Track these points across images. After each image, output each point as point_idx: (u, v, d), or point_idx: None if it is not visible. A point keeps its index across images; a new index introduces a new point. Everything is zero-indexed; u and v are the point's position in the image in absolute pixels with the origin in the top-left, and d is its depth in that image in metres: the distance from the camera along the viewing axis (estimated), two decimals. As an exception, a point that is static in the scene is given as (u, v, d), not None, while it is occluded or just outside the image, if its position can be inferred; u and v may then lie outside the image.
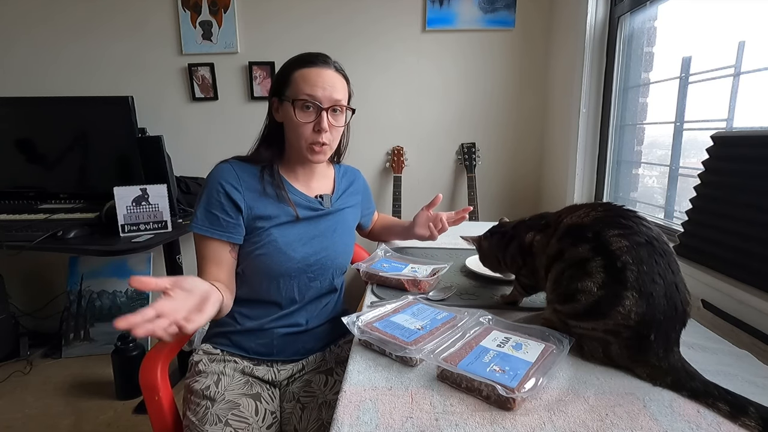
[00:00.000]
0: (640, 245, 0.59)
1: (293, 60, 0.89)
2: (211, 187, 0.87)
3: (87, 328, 2.14)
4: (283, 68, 0.90)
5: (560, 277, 0.66)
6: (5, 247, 1.41)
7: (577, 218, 0.67)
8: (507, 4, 1.96)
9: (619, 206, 0.66)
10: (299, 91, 0.85)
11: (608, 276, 0.60)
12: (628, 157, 1.61)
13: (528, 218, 0.81)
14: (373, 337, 0.67)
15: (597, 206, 0.68)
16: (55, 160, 1.95)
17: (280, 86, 0.89)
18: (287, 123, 0.89)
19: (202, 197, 0.88)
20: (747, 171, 0.86)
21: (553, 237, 0.70)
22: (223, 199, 0.86)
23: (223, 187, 0.87)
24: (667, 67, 1.38)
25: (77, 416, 1.67)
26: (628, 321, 0.58)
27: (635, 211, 0.65)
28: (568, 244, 0.66)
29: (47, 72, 2.11)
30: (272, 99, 0.91)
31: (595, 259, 0.61)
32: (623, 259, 0.59)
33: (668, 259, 0.60)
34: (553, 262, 0.68)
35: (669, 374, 0.58)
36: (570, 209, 0.71)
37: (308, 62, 0.87)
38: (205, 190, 0.88)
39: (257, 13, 2.02)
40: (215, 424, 0.78)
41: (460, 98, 2.09)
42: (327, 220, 0.96)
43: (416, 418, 0.51)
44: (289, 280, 0.91)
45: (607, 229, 0.62)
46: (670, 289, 0.58)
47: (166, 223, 1.54)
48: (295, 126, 0.87)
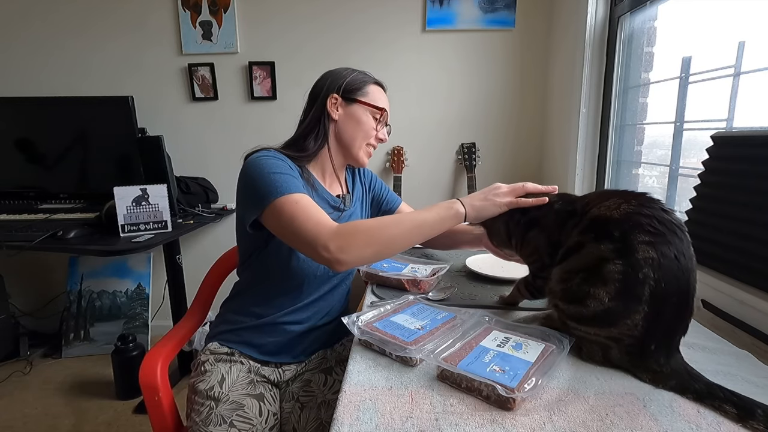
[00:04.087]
0: (667, 259, 0.55)
1: (365, 75, 0.96)
2: (265, 161, 0.82)
3: (87, 328, 2.14)
4: (357, 77, 0.94)
5: (572, 273, 0.63)
6: (5, 247, 1.41)
7: (606, 209, 0.62)
8: (507, 4, 1.96)
9: (655, 201, 0.60)
10: (377, 101, 0.95)
11: (624, 287, 0.57)
12: (628, 157, 1.61)
13: (557, 199, 0.73)
14: (373, 337, 0.67)
15: (630, 197, 0.61)
16: (55, 160, 1.95)
17: (349, 89, 0.93)
18: (352, 122, 0.93)
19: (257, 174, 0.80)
20: (747, 171, 0.86)
21: (576, 228, 0.65)
22: (289, 163, 0.85)
23: (281, 159, 0.85)
24: (667, 67, 1.37)
25: (77, 416, 1.67)
26: (633, 331, 0.58)
27: (671, 211, 0.59)
28: (590, 238, 0.61)
29: (47, 72, 2.11)
30: (332, 95, 0.92)
31: (615, 262, 0.58)
32: (645, 271, 0.56)
33: (689, 277, 0.57)
34: (570, 254, 0.64)
35: (672, 378, 0.57)
36: (600, 196, 0.65)
37: (380, 84, 0.98)
38: (256, 170, 0.80)
39: (257, 13, 2.02)
40: (220, 424, 0.78)
41: (460, 98, 2.09)
42: (344, 219, 0.98)
43: (416, 418, 0.51)
44: (309, 276, 0.90)
45: (636, 231, 0.57)
46: (682, 306, 0.57)
47: (166, 223, 1.54)
48: (367, 128, 0.94)
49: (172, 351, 0.96)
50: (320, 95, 0.94)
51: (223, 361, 0.89)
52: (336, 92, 0.92)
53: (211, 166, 2.14)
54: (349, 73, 0.95)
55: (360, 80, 0.95)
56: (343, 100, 0.93)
